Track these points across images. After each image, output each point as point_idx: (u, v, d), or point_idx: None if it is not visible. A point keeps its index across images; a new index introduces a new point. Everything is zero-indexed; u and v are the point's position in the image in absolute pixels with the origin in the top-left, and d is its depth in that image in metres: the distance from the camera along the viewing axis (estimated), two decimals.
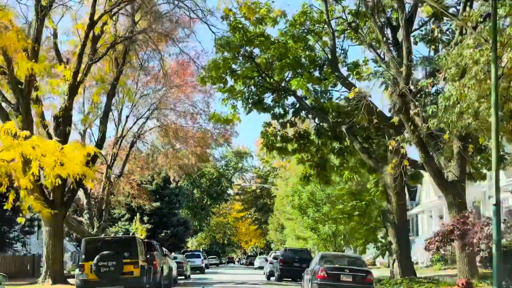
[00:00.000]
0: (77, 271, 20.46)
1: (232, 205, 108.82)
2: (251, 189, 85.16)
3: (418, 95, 19.06)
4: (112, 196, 35.65)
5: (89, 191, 35.47)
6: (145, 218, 54.13)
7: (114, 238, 24.72)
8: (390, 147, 20.81)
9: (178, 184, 57.37)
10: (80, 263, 20.60)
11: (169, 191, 55.49)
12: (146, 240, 26.87)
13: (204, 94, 37.26)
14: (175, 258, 37.08)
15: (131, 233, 50.22)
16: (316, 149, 33.59)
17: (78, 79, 25.54)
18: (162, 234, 53.86)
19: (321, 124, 33.59)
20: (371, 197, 28.24)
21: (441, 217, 47.31)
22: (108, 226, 42.21)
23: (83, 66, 25.89)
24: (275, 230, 73.08)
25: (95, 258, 19.72)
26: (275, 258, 42.25)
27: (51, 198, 25.89)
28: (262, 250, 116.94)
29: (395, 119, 20.59)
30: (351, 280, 19.87)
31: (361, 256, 23.52)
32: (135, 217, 50.29)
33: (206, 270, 65.51)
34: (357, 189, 31.13)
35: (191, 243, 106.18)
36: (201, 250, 63.65)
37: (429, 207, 42.21)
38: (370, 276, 20.30)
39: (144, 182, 54.78)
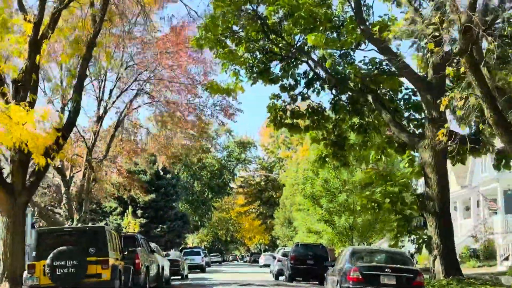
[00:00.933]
0: (25, 273, 15.20)
1: (235, 199, 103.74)
2: (255, 181, 79.95)
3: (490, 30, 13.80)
4: (94, 184, 30.42)
5: (68, 178, 30.32)
6: (139, 212, 49.11)
7: (76, 229, 19.33)
8: (442, 107, 15.56)
9: (176, 174, 52.25)
10: (29, 262, 15.33)
11: (165, 181, 50.38)
12: (128, 233, 21.68)
13: (202, 65, 31.95)
14: (167, 255, 31.90)
15: (124, 229, 45.12)
16: (333, 125, 28.44)
17: (40, 32, 20.33)
18: (158, 229, 48.80)
19: (338, 96, 28.41)
20: (404, 180, 23.04)
21: (467, 209, 42.14)
22: (90, 219, 37.10)
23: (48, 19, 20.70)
24: (281, 224, 67.92)
25: (49, 256, 14.53)
26: (284, 255, 37.13)
27: (9, 182, 20.70)
28: (266, 247, 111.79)
29: (450, 69, 15.34)
30: (394, 283, 14.72)
31: (405, 252, 18.20)
32: (127, 211, 45.26)
33: (207, 269, 60.41)
34: (387, 171, 25.94)
35: (192, 239, 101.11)
36: (201, 246, 58.59)
37: (452, 198, 37.06)
38: (420, 278, 15.12)
39: (137, 172, 49.66)
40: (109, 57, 24.48)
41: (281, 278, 36.17)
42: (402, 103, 26.49)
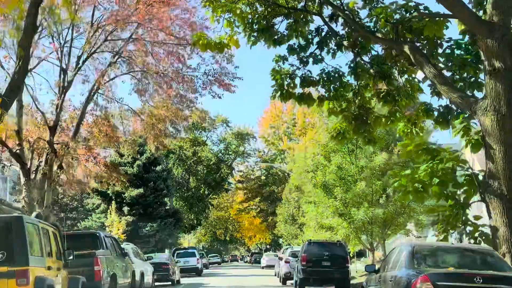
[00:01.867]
0: None
1: (233, 197, 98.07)
2: (254, 175, 74.22)
3: None
4: (60, 171, 24.65)
5: (28, 166, 24.56)
6: (125, 209, 43.42)
7: None
8: None
9: (166, 166, 46.57)
10: None
11: (154, 174, 44.74)
12: (85, 230, 16.02)
13: (190, 28, 26.09)
14: (149, 258, 26.27)
15: (107, 229, 39.44)
16: (353, 93, 22.78)
17: None
18: (147, 228, 43.15)
19: (360, 57, 22.70)
20: (457, 153, 17.30)
21: None
22: (55, 214, 31.39)
23: None
24: (284, 221, 62.25)
25: None
26: (293, 255, 31.51)
27: None
28: (268, 246, 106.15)
29: None
30: None
31: (493, 250, 12.34)
32: (110, 207, 39.59)
33: (205, 271, 54.88)
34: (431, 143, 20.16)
35: (188, 239, 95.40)
36: (196, 247, 52.95)
37: None
38: None
39: (123, 164, 43.97)
40: (69, 3, 18.72)
41: (289, 282, 30.65)
42: (443, 60, 20.81)
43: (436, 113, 20.76)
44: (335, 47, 22.79)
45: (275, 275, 40.82)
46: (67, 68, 23.83)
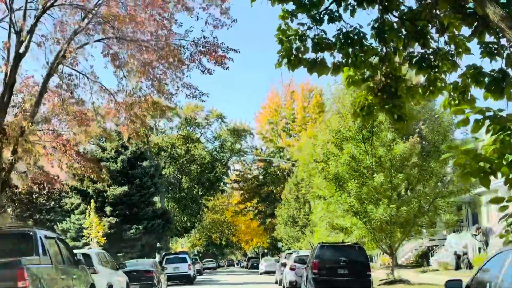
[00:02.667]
0: None
1: (229, 199, 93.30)
2: (252, 175, 69.37)
3: None
4: (14, 158, 19.81)
5: None
6: (107, 209, 38.59)
7: None
8: None
9: (154, 161, 41.77)
10: None
11: (140, 171, 39.95)
12: (13, 227, 11.44)
13: None
14: (121, 267, 21.52)
15: (85, 231, 34.61)
16: (380, 59, 18.23)
17: None
18: (132, 231, 38.32)
19: (387, 13, 18.09)
20: None
21: None
22: (29, 215, 26.51)
23: None
24: (284, 224, 57.52)
25: None
26: (300, 261, 26.70)
27: None
28: (265, 250, 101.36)
29: None
30: None
31: None
32: (89, 207, 34.76)
33: (198, 278, 50.19)
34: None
35: (181, 244, 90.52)
36: (187, 252, 48.18)
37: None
38: None
39: (106, 160, 39.20)
40: None
41: None
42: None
43: (487, 79, 16.08)
44: (355, 2, 18.13)
45: (276, 282, 36.23)
46: (22, 29, 19.02)
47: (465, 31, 14.74)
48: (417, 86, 17.05)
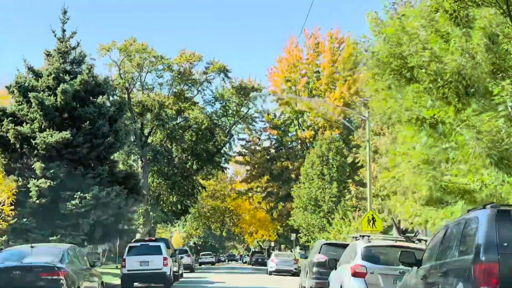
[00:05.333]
0: None
1: (231, 184, 78.92)
2: (261, 145, 54.52)
3: None
4: None
5: None
6: (37, 165, 24.20)
7: None
8: None
9: (117, 97, 27.20)
10: None
11: (93, 110, 25.26)
12: None
13: None
14: None
15: None
16: None
17: None
18: (74, 202, 23.86)
19: None
20: None
21: None
22: None
23: None
24: (303, 208, 43.09)
25: None
26: (375, 257, 12.19)
27: None
28: (272, 244, 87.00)
29: None
30: None
31: None
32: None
33: (186, 276, 36.19)
34: None
35: (170, 232, 76.13)
36: (166, 239, 33.55)
37: None
38: None
39: (37, 90, 24.80)
40: None
41: None
42: None
43: None
44: None
45: (300, 286, 22.58)
46: None
47: None
48: None
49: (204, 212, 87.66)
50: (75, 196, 24.14)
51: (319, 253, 20.83)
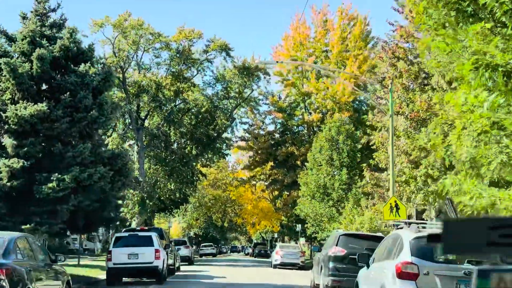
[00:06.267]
0: None
1: (233, 173, 75.69)
2: (265, 130, 50.93)
3: None
4: None
5: None
6: (7, 143, 20.88)
7: None
8: None
9: (102, 65, 23.77)
10: None
11: (74, 79, 21.77)
12: None
13: None
14: None
15: None
16: None
17: None
18: (51, 184, 20.51)
19: None
20: None
21: None
22: None
23: None
24: (311, 196, 39.70)
25: None
26: (424, 253, 8.78)
27: None
28: (275, 235, 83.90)
29: None
30: None
31: None
32: None
33: (184, 269, 33.14)
34: None
35: (169, 222, 72.89)
36: (160, 228, 30.28)
37: None
38: None
39: (8, 55, 21.37)
40: None
41: None
42: None
43: None
44: None
45: (313, 285, 19.34)
46: None
47: None
48: None
49: (205, 202, 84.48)
50: (52, 178, 20.77)
51: (336, 245, 17.53)
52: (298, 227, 49.58)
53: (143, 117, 48.16)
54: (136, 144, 47.05)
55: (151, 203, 47.30)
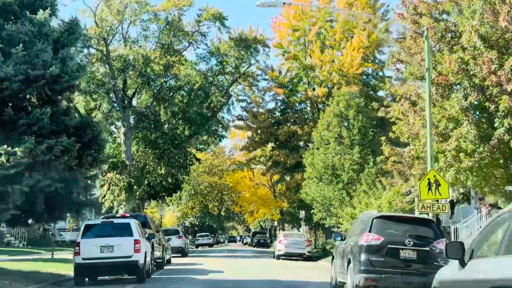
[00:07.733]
0: None
1: (231, 158, 71.26)
2: (265, 108, 46.17)
3: None
4: None
5: None
6: None
7: None
8: None
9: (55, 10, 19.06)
10: None
11: (29, 28, 17.22)
12: None
13: None
14: None
15: None
16: None
17: None
18: (1, 159, 16.04)
19: None
20: None
21: None
22: None
23: None
24: (318, 178, 35.26)
25: None
26: None
27: None
28: (275, 224, 79.64)
29: None
30: None
31: None
32: None
33: (175, 262, 28.96)
34: None
35: (160, 211, 68.32)
36: (144, 214, 25.76)
37: None
38: None
39: None
40: None
41: None
42: None
43: None
44: None
45: (335, 283, 14.87)
46: None
47: None
48: None
49: (200, 190, 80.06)
50: (0, 151, 16.23)
51: (369, 231, 13.12)
52: (302, 213, 45.28)
53: (130, 95, 43.60)
54: (123, 125, 42.52)
55: (140, 189, 42.90)
